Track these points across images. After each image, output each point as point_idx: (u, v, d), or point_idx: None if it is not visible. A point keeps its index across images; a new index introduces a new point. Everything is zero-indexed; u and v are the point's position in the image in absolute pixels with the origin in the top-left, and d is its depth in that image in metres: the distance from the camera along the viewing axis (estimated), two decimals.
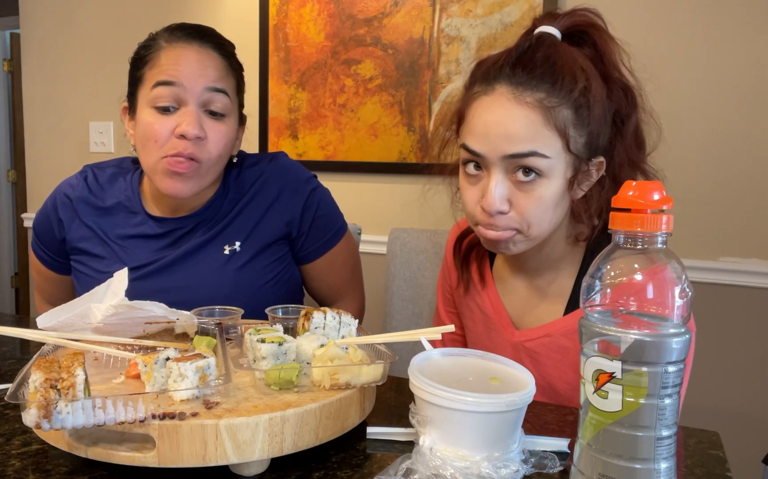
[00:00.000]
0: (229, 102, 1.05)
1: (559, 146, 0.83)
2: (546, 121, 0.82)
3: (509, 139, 0.82)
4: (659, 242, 0.52)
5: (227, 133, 1.05)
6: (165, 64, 1.01)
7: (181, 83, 1.00)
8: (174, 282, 1.07)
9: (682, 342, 0.50)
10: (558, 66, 0.83)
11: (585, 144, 0.85)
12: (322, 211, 1.16)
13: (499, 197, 0.84)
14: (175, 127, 0.99)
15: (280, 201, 1.12)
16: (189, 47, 1.03)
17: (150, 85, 1.02)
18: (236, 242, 1.09)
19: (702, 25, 1.68)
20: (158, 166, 1.01)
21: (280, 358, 0.71)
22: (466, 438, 0.60)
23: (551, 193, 0.84)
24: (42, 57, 2.67)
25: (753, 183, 1.67)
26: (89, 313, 0.78)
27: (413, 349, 0.71)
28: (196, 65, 1.01)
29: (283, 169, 1.16)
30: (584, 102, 0.83)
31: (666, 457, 0.51)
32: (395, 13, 2.02)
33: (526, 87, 0.83)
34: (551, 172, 0.83)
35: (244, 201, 1.12)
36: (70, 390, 0.56)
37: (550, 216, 0.86)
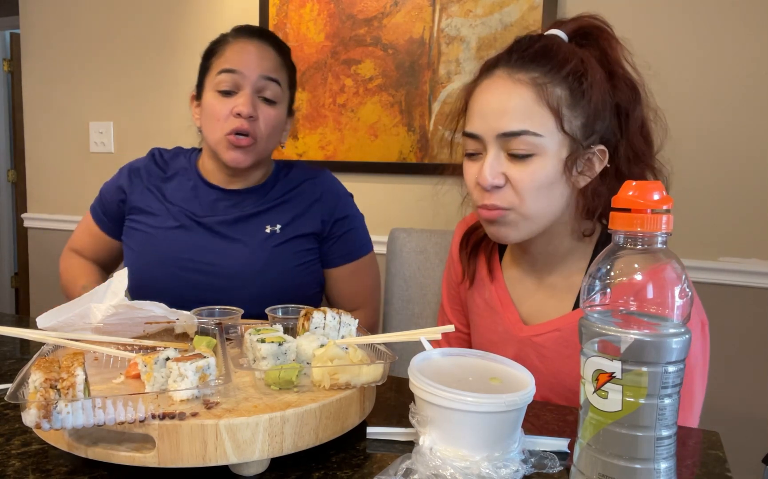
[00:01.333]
0: (280, 91, 1.21)
1: (552, 125, 0.85)
2: (538, 98, 0.85)
3: (503, 117, 0.86)
4: (659, 242, 0.52)
5: (276, 116, 1.21)
6: (229, 54, 1.19)
7: (240, 71, 1.17)
8: (214, 243, 1.21)
9: (682, 342, 0.50)
10: (552, 50, 0.87)
11: (582, 126, 0.87)
12: (353, 225, 1.30)
13: (493, 171, 0.87)
14: (233, 108, 1.16)
15: (322, 201, 1.27)
16: (250, 42, 1.21)
17: (215, 72, 1.19)
18: (278, 225, 1.23)
19: (703, 25, 1.68)
20: (222, 141, 1.18)
21: (280, 358, 0.71)
22: (466, 438, 0.60)
23: (546, 172, 0.86)
24: (42, 57, 2.67)
25: (753, 183, 1.66)
26: (89, 313, 0.78)
27: (413, 349, 0.71)
28: (255, 57, 1.19)
29: (329, 179, 1.33)
30: (578, 84, 0.86)
31: (666, 457, 0.51)
32: (395, 13, 2.02)
33: (520, 67, 0.87)
34: (545, 151, 0.85)
35: (291, 194, 1.27)
36: (70, 390, 0.56)
37: (546, 195, 0.87)
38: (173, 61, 2.38)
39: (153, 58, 2.41)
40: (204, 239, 1.21)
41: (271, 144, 1.23)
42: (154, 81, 2.43)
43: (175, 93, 2.37)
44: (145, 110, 2.46)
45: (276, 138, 1.24)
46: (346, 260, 1.28)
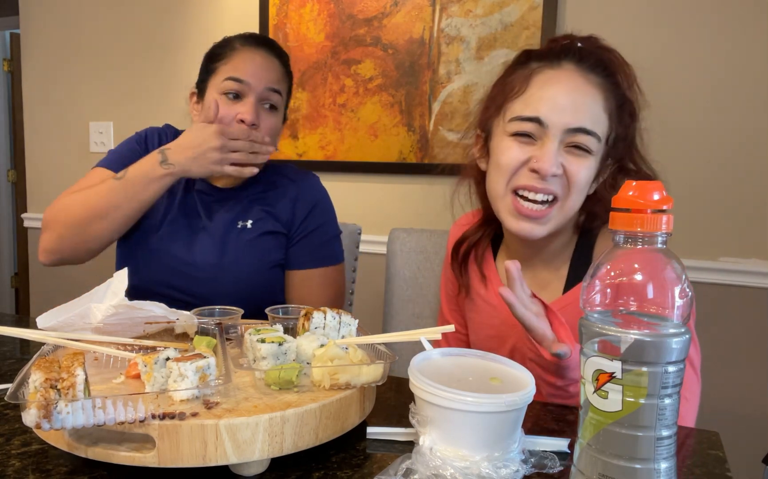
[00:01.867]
0: (281, 100, 1.27)
1: (606, 133, 0.90)
2: (605, 105, 0.90)
3: (576, 113, 0.88)
4: (659, 242, 0.52)
5: (275, 123, 1.27)
6: (237, 63, 1.22)
7: (247, 81, 1.20)
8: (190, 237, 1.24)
9: (682, 342, 0.50)
10: (614, 64, 0.92)
11: (613, 140, 0.92)
12: (324, 232, 1.30)
13: (557, 161, 0.88)
14: (237, 114, 1.20)
15: (298, 201, 1.29)
16: (257, 52, 1.25)
17: (222, 77, 1.22)
18: (249, 220, 1.26)
19: (703, 25, 1.68)
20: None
21: (280, 358, 0.71)
22: (466, 438, 0.60)
23: (591, 174, 0.91)
24: (42, 57, 2.67)
25: (753, 183, 1.66)
26: (89, 313, 0.78)
27: (413, 349, 0.71)
28: (262, 68, 1.23)
29: (313, 183, 1.34)
30: (623, 101, 0.91)
31: (666, 457, 0.51)
32: (395, 13, 2.02)
33: (592, 69, 0.90)
34: (595, 154, 0.90)
35: (270, 193, 1.29)
36: (70, 390, 0.56)
37: (584, 194, 0.92)
38: (173, 61, 2.38)
39: (153, 58, 2.41)
40: (180, 229, 1.24)
41: (270, 148, 1.26)
42: (154, 81, 2.43)
43: (175, 93, 2.37)
44: (145, 110, 2.46)
45: (274, 144, 1.27)
46: (311, 265, 1.27)
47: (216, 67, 1.24)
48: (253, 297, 1.18)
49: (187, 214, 1.26)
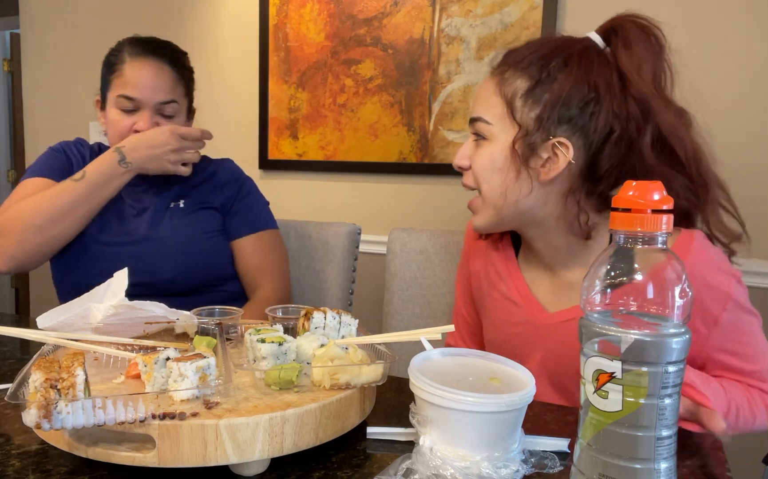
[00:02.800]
0: (177, 107, 1.32)
1: (504, 113, 0.92)
2: (496, 90, 0.94)
3: (474, 104, 0.98)
4: (659, 242, 0.52)
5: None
6: (127, 78, 1.26)
7: (138, 99, 1.26)
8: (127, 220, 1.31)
9: (682, 342, 0.50)
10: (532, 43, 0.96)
11: (537, 116, 0.89)
12: (254, 201, 1.40)
13: (463, 153, 0.98)
14: (133, 125, 1.26)
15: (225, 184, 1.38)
16: (145, 63, 1.28)
17: (115, 93, 1.28)
18: (181, 201, 1.34)
19: (703, 25, 1.68)
20: None
21: (280, 358, 0.71)
22: (466, 438, 0.60)
23: (494, 157, 0.93)
24: (42, 57, 2.67)
25: (753, 183, 1.66)
26: (89, 313, 0.78)
27: (413, 349, 0.71)
28: (151, 82, 1.27)
29: (232, 165, 1.44)
30: (539, 74, 0.90)
31: (666, 457, 0.51)
32: (395, 13, 2.02)
33: (499, 64, 0.96)
34: (493, 137, 0.93)
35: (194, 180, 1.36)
36: (70, 390, 0.56)
37: (499, 179, 0.93)
38: None
39: None
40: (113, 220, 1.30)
41: None
42: None
43: None
44: None
45: None
46: (248, 231, 1.35)
47: (110, 80, 1.29)
48: (195, 267, 1.28)
49: (113, 205, 1.29)
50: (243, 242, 1.35)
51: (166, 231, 1.29)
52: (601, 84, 0.88)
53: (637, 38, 0.93)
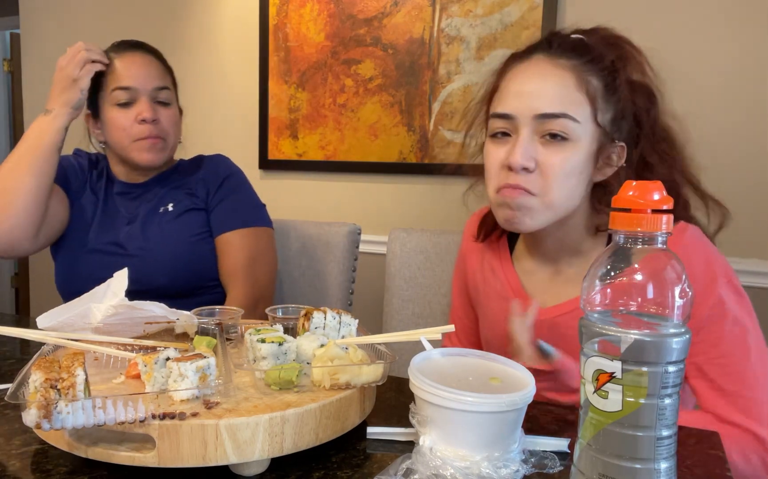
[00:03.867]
0: (171, 93, 1.36)
1: (588, 113, 0.86)
2: (578, 85, 0.85)
3: (542, 98, 0.85)
4: (659, 242, 0.52)
5: (173, 115, 1.36)
6: (120, 71, 1.30)
7: (134, 88, 1.29)
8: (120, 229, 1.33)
9: (682, 342, 0.50)
10: (591, 44, 0.89)
11: (611, 120, 0.88)
12: (237, 196, 1.38)
13: (526, 153, 0.85)
14: (137, 115, 1.28)
15: (209, 176, 1.38)
16: (134, 55, 1.33)
17: (110, 89, 1.30)
18: (170, 204, 1.35)
19: (704, 25, 1.68)
20: (132, 147, 1.30)
21: (280, 358, 0.71)
22: (466, 438, 0.60)
23: (575, 161, 0.86)
24: (42, 57, 2.67)
25: (753, 183, 1.66)
26: (89, 313, 0.78)
27: (413, 349, 0.71)
28: (143, 70, 1.31)
29: (221, 159, 1.44)
30: (612, 79, 0.87)
31: (666, 457, 0.51)
32: (395, 13, 2.02)
33: (561, 54, 0.87)
34: (578, 139, 0.85)
35: (186, 178, 1.39)
36: (70, 390, 0.56)
37: (570, 185, 0.87)
38: (173, 61, 2.37)
39: None
40: (108, 226, 1.34)
41: (175, 140, 1.38)
42: None
43: None
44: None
45: (177, 135, 1.38)
46: (227, 227, 1.34)
47: (102, 81, 1.31)
48: (186, 272, 1.30)
49: (111, 215, 1.35)
50: (221, 239, 1.34)
51: (156, 238, 1.31)
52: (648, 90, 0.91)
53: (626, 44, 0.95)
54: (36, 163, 1.22)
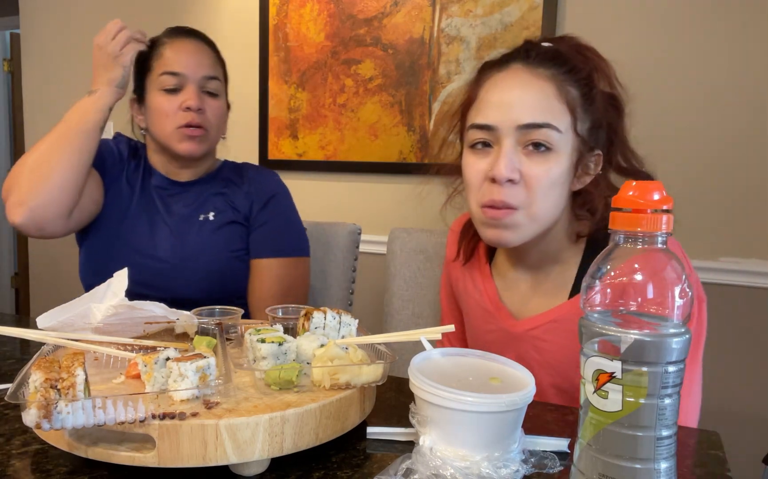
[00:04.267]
0: (220, 85, 1.30)
1: (569, 123, 0.85)
2: (559, 95, 0.85)
3: (524, 109, 0.84)
4: (659, 242, 0.52)
5: (220, 107, 1.30)
6: (169, 55, 1.25)
7: (183, 73, 1.23)
8: (153, 230, 1.26)
9: (682, 342, 0.50)
10: (569, 54, 0.88)
11: (588, 130, 0.88)
12: (280, 220, 1.32)
13: (511, 164, 0.84)
14: (182, 102, 1.23)
15: (256, 191, 1.32)
16: (187, 41, 1.28)
17: (157, 73, 1.25)
18: (210, 212, 1.28)
19: (704, 25, 1.68)
20: (174, 135, 1.24)
21: (280, 358, 0.71)
22: (466, 438, 0.60)
23: (559, 171, 0.85)
24: (42, 57, 2.67)
25: (753, 183, 1.67)
26: (89, 313, 0.78)
27: (413, 349, 0.71)
28: (194, 57, 1.26)
29: (271, 175, 1.38)
30: (589, 89, 0.87)
31: (666, 457, 0.51)
32: (395, 13, 2.02)
33: (539, 64, 0.87)
34: (560, 149, 0.85)
35: (231, 187, 1.32)
36: (70, 390, 0.56)
37: (554, 195, 0.87)
38: None
39: None
40: (142, 225, 1.27)
41: (218, 134, 1.31)
42: None
43: None
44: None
45: (222, 129, 1.32)
46: (266, 253, 1.28)
47: (150, 65, 1.26)
48: (219, 287, 1.24)
49: (147, 209, 1.28)
50: (257, 263, 1.28)
51: (193, 247, 1.24)
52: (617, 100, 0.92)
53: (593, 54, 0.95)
54: (77, 140, 1.16)
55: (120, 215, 1.27)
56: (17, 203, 1.13)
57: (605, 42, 1.28)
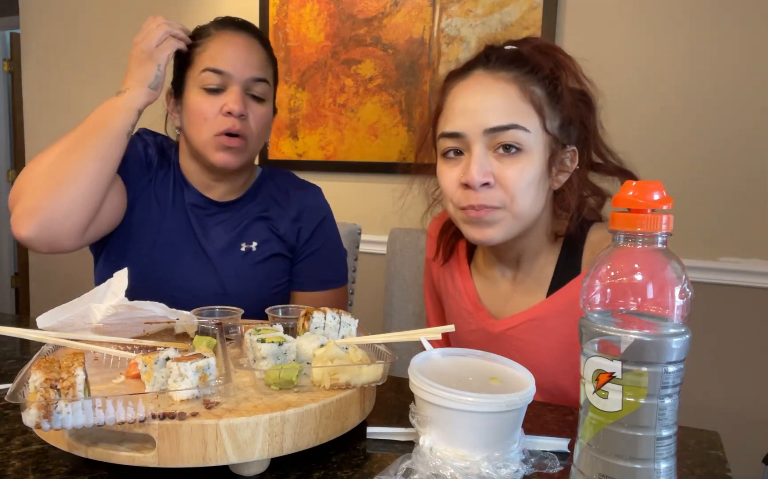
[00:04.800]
0: (268, 89, 1.15)
1: (537, 123, 0.86)
2: (522, 95, 0.86)
3: (489, 112, 0.85)
4: (659, 242, 0.52)
5: (265, 114, 1.14)
6: (214, 50, 1.10)
7: (227, 72, 1.09)
8: (186, 258, 1.14)
9: (682, 342, 0.50)
10: (528, 55, 0.89)
11: (559, 127, 0.89)
12: (326, 250, 1.23)
13: (482, 168, 0.85)
14: (222, 106, 1.08)
15: (302, 219, 1.20)
16: (237, 36, 1.13)
17: (199, 68, 1.10)
18: (254, 242, 1.16)
19: (704, 24, 1.68)
20: (210, 143, 1.09)
21: (280, 358, 0.71)
22: (466, 438, 0.60)
23: (532, 171, 0.86)
24: (42, 57, 2.67)
25: (753, 183, 1.67)
26: (89, 313, 0.78)
27: (413, 349, 0.71)
28: (243, 54, 1.10)
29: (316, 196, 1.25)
30: (554, 87, 0.88)
31: (666, 457, 0.51)
32: (395, 13, 2.02)
33: (500, 67, 0.88)
34: (531, 149, 0.86)
35: (273, 209, 1.20)
36: (70, 390, 0.56)
37: (533, 194, 0.87)
38: None
39: None
40: (177, 252, 1.13)
41: (259, 144, 1.17)
42: None
43: None
44: (144, 110, 2.46)
45: (264, 137, 1.17)
46: (311, 287, 1.21)
47: (192, 58, 1.12)
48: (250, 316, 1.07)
49: (182, 233, 1.14)
50: (304, 296, 1.20)
51: (234, 283, 1.12)
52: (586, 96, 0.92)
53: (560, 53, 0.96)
54: (101, 146, 1.01)
55: (151, 239, 1.13)
56: (26, 214, 0.97)
57: (605, 42, 1.30)
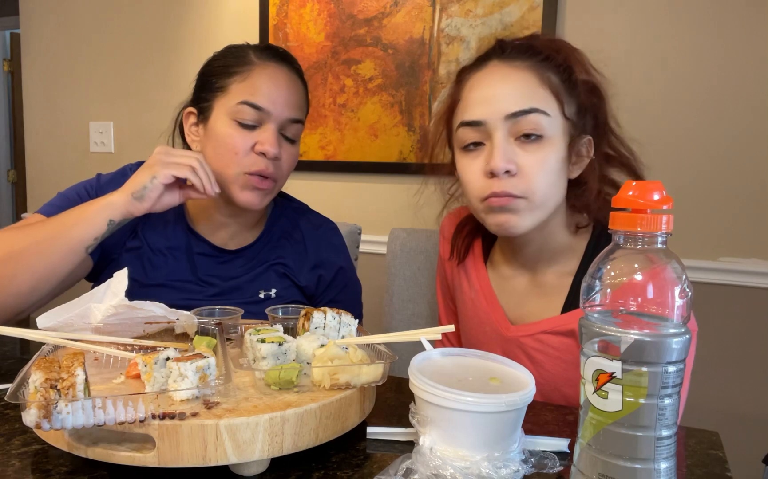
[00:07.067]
0: (301, 130, 1.10)
1: (556, 107, 0.86)
2: (540, 81, 0.86)
3: (509, 98, 0.85)
4: (659, 242, 0.52)
5: (295, 156, 1.10)
6: (255, 84, 1.02)
7: (267, 110, 1.02)
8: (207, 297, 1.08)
9: (682, 342, 0.50)
10: (542, 45, 0.89)
11: (576, 113, 0.89)
12: (345, 295, 1.19)
13: (506, 155, 0.84)
14: (255, 144, 1.02)
15: (317, 268, 1.16)
16: (278, 70, 1.06)
17: (235, 99, 1.02)
18: (272, 289, 1.11)
19: (704, 24, 1.68)
20: (238, 180, 1.03)
21: (280, 358, 0.71)
22: (466, 438, 0.60)
23: (554, 158, 0.86)
24: (42, 57, 2.67)
25: (752, 183, 1.66)
26: (89, 313, 0.78)
27: (413, 349, 0.71)
28: (284, 93, 1.04)
29: (332, 235, 1.21)
30: (568, 75, 0.88)
31: (666, 457, 0.51)
32: (395, 13, 2.02)
33: (515, 57, 0.88)
34: (552, 135, 0.85)
35: (285, 259, 1.15)
36: (70, 390, 0.56)
37: (554, 182, 0.87)
38: (173, 61, 2.38)
39: (153, 58, 2.41)
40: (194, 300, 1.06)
41: (283, 184, 1.12)
42: (154, 81, 2.43)
43: (176, 92, 2.37)
44: (145, 110, 2.46)
45: (287, 177, 1.13)
46: None
47: (228, 86, 1.03)
48: None
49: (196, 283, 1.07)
50: None
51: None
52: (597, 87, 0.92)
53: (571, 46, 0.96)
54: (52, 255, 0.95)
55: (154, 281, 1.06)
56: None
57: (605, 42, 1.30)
